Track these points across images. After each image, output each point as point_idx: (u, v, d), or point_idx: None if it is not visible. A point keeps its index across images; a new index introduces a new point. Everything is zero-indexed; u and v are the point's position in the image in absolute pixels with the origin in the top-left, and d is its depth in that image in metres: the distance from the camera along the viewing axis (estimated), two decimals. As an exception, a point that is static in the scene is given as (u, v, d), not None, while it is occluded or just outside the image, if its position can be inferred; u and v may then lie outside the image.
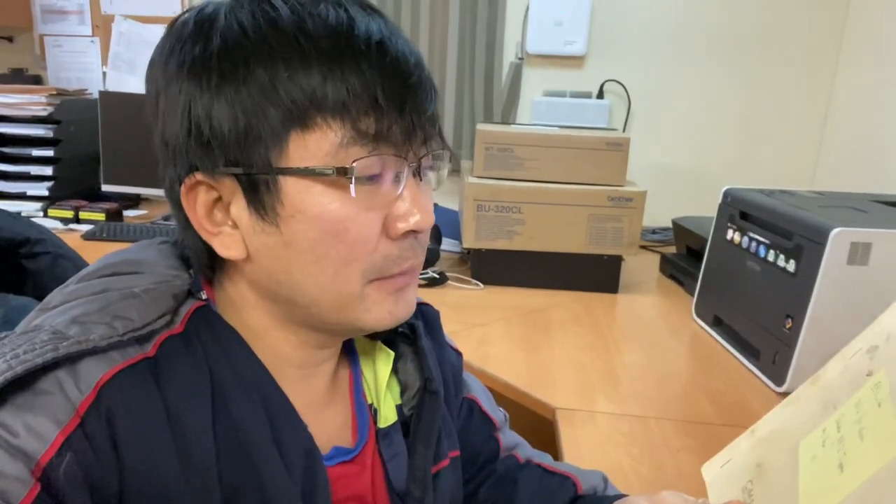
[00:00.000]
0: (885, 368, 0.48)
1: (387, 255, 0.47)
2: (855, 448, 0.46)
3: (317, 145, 0.44)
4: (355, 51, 0.44)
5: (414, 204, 0.47)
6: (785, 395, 1.07)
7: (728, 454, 0.56)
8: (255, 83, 0.43)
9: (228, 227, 0.47)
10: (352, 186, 0.45)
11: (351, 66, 0.43)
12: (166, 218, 1.97)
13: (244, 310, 0.50)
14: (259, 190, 0.45)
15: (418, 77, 0.46)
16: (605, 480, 0.71)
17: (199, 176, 0.46)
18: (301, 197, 0.45)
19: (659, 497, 0.56)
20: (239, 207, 0.46)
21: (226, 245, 0.47)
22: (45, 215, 1.92)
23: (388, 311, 0.49)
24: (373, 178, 0.46)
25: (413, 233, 0.48)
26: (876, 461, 0.44)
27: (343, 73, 0.43)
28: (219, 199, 0.47)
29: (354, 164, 0.44)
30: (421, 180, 0.49)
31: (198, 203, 0.47)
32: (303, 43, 0.43)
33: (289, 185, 0.45)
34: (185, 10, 0.49)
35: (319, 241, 0.45)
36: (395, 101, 0.44)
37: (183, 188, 0.47)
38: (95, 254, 0.52)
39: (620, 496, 0.64)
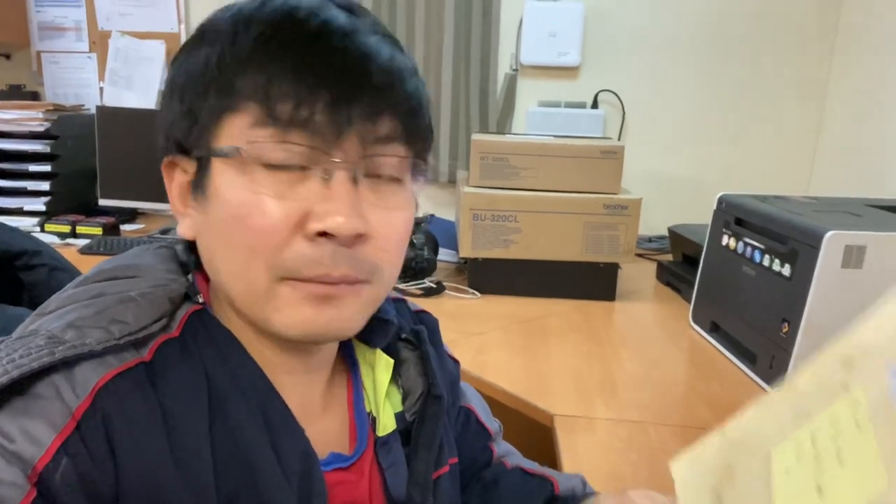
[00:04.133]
0: (863, 387, 0.47)
1: (299, 255, 0.44)
2: (834, 471, 0.45)
3: (238, 127, 0.44)
4: (297, 37, 0.43)
5: (337, 205, 0.43)
6: (783, 399, 1.07)
7: (697, 452, 0.55)
8: (199, 64, 0.45)
9: (192, 208, 0.49)
10: (247, 168, 0.44)
11: (283, 52, 0.43)
12: (164, 232, 1.97)
13: (229, 313, 0.50)
14: (201, 172, 0.47)
15: (376, 76, 0.44)
16: (584, 483, 0.71)
17: (175, 157, 0.48)
18: (221, 178, 0.45)
19: (626, 497, 0.56)
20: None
21: (186, 225, 0.49)
22: (42, 230, 1.92)
23: (303, 317, 0.45)
24: (285, 167, 0.44)
25: (329, 237, 0.44)
26: (858, 495, 0.44)
27: (272, 57, 0.43)
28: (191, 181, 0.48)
29: (249, 146, 0.43)
30: (356, 184, 0.45)
31: (173, 182, 0.49)
32: (250, 27, 0.44)
33: (215, 166, 0.45)
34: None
35: (228, 224, 0.45)
36: (326, 89, 0.42)
37: (162, 166, 0.49)
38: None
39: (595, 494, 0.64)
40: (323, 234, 0.43)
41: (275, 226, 0.43)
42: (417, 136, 0.48)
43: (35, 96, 2.31)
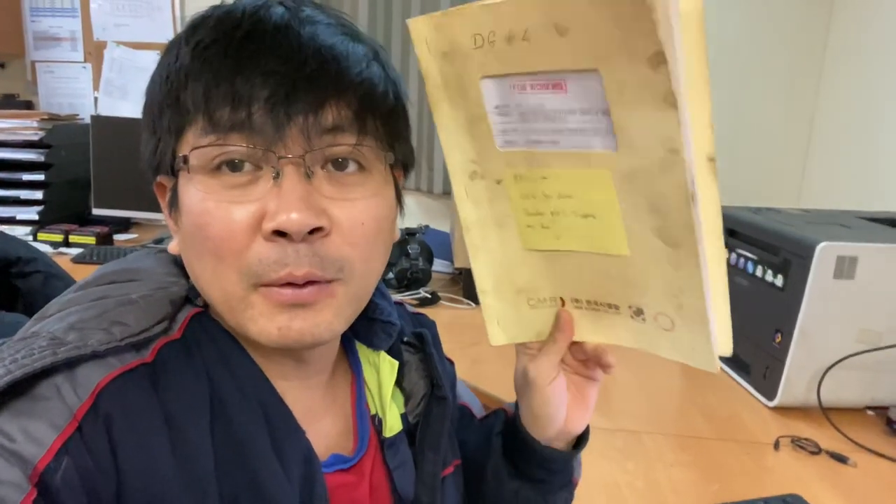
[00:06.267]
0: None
1: (262, 258, 0.43)
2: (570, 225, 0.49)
3: (189, 140, 0.44)
4: (231, 41, 0.43)
5: (286, 202, 0.42)
6: (776, 409, 1.08)
7: (491, 317, 0.55)
8: (154, 84, 0.46)
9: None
10: (199, 178, 0.44)
11: (218, 57, 0.43)
12: (157, 242, 1.97)
13: None
14: (173, 188, 0.47)
15: (312, 67, 0.43)
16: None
17: (159, 178, 0.49)
18: (183, 191, 0.45)
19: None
20: None
21: (174, 242, 0.49)
22: (35, 239, 1.91)
23: (276, 326, 0.44)
24: (234, 171, 0.43)
25: (284, 235, 0.42)
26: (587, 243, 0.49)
27: (209, 64, 0.43)
28: None
29: (192, 154, 0.43)
30: (310, 179, 0.43)
31: (165, 202, 0.49)
32: (190, 39, 0.44)
33: (180, 180, 0.46)
34: None
35: (194, 234, 0.45)
36: (262, 88, 0.42)
37: (154, 188, 0.50)
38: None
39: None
40: (280, 233, 0.42)
41: (232, 230, 0.43)
42: (374, 122, 0.46)
43: (29, 106, 2.30)
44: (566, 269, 0.51)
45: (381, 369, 0.57)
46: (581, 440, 0.61)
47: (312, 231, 0.43)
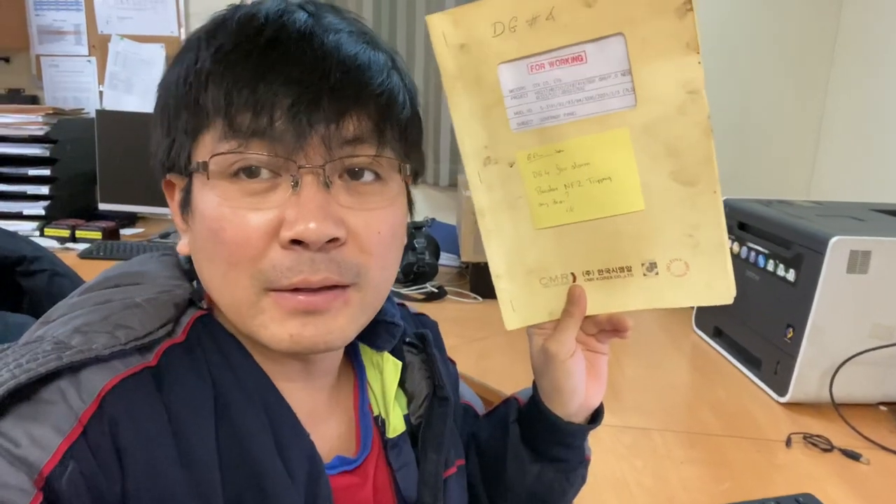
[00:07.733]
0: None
1: (276, 264, 0.43)
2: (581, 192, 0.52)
3: (208, 143, 0.44)
4: (254, 46, 0.43)
5: (305, 211, 0.42)
6: (788, 405, 1.07)
7: (506, 302, 0.57)
8: (171, 84, 0.46)
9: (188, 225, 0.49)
10: (216, 183, 0.44)
11: (240, 62, 0.42)
12: (163, 236, 1.97)
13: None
14: (186, 189, 0.47)
15: (335, 77, 0.43)
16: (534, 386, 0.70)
17: (169, 176, 0.49)
18: (198, 195, 0.45)
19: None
20: None
21: (183, 242, 0.49)
22: (42, 234, 1.92)
23: (289, 333, 0.44)
24: (253, 177, 0.43)
25: (300, 244, 0.42)
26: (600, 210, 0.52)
27: (231, 69, 0.42)
28: None
29: (213, 160, 0.43)
30: (328, 188, 0.44)
31: (173, 201, 0.50)
32: (211, 41, 0.44)
33: (194, 182, 0.46)
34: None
35: (207, 239, 0.45)
36: (284, 96, 0.42)
37: (163, 185, 0.50)
38: (92, 272, 0.52)
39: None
40: (297, 241, 0.42)
41: (248, 237, 0.43)
42: (392, 133, 0.46)
43: (34, 100, 2.30)
44: (577, 242, 0.53)
45: (384, 370, 0.57)
46: (596, 416, 0.62)
47: (329, 241, 0.43)
